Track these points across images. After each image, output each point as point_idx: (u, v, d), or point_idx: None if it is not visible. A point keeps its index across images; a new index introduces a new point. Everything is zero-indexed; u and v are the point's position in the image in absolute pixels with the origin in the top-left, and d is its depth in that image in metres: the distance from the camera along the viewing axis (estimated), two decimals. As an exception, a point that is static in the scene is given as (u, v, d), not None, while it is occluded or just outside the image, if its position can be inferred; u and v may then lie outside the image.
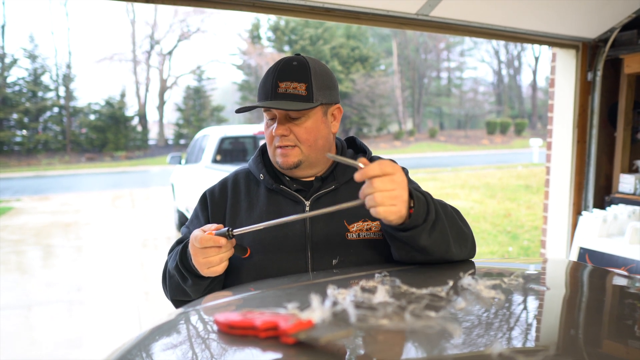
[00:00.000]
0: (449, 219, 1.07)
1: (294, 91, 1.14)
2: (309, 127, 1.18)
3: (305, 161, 1.20)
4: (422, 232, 0.99)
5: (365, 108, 32.63)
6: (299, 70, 1.16)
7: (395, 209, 0.93)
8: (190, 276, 1.13)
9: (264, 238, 1.18)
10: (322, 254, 1.17)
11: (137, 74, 31.53)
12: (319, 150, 1.21)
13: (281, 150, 1.18)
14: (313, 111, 1.18)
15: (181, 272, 1.15)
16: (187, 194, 6.79)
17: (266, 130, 1.22)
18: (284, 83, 1.14)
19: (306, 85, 1.15)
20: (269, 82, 1.16)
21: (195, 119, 30.01)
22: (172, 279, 1.20)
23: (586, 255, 3.00)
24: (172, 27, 31.42)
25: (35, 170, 21.83)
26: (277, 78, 1.15)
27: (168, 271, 1.23)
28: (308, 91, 1.15)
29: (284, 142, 1.17)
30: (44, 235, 7.69)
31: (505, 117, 39.41)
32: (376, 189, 0.91)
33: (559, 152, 3.39)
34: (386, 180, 0.92)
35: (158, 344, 0.75)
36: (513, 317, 0.76)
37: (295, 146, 1.18)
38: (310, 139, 1.18)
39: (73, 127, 28.08)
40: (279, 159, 1.20)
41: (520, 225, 7.41)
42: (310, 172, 1.24)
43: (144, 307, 4.32)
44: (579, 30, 3.03)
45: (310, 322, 0.66)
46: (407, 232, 0.99)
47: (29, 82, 27.13)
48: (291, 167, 1.19)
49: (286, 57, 1.21)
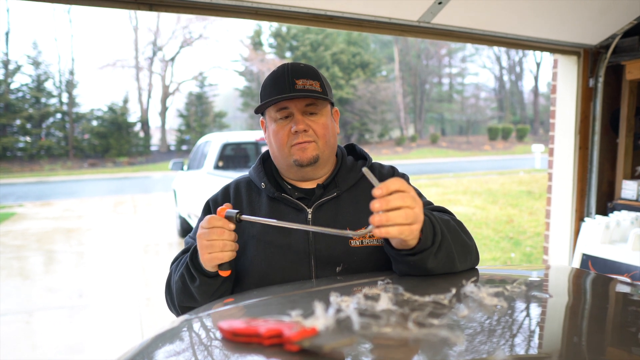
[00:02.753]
0: (452, 234, 1.06)
1: (311, 87, 1.17)
2: (325, 123, 1.21)
3: (322, 157, 1.22)
4: (429, 255, 0.98)
5: (367, 114, 32.68)
6: (310, 70, 1.21)
7: (418, 225, 0.90)
8: (199, 275, 1.12)
9: (268, 246, 1.18)
10: (326, 262, 1.16)
11: (140, 80, 31.72)
12: (331, 148, 1.24)
13: (300, 145, 1.19)
14: (326, 109, 1.23)
15: (190, 272, 1.13)
16: (189, 200, 6.79)
17: (279, 130, 1.21)
18: (300, 80, 1.17)
19: (319, 83, 1.20)
20: (283, 80, 1.18)
21: (197, 125, 30.11)
22: (180, 281, 1.18)
23: (589, 261, 2.99)
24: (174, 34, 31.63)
25: (37, 176, 21.89)
26: (293, 76, 1.18)
27: (175, 276, 1.22)
28: (322, 88, 1.19)
29: (304, 138, 1.18)
30: (46, 240, 7.70)
31: (507, 123, 39.42)
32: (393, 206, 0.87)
33: (561, 158, 3.39)
34: (405, 196, 0.88)
35: (161, 352, 0.75)
36: (515, 325, 0.76)
37: (313, 141, 1.19)
38: (327, 134, 1.21)
39: (76, 133, 28.19)
40: (296, 156, 1.19)
41: (522, 231, 7.39)
42: (322, 172, 1.25)
43: (146, 313, 4.32)
44: (580, 36, 3.04)
45: (314, 329, 0.66)
46: (415, 256, 0.97)
47: (32, 88, 27.29)
48: (310, 162, 1.20)
49: (289, 62, 1.24)
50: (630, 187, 3.21)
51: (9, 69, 26.79)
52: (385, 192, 0.87)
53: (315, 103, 1.19)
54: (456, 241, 1.06)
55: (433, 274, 1.03)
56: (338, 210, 1.21)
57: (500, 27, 2.75)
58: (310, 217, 1.20)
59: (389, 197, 0.87)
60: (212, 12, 2.16)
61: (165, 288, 1.28)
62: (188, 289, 1.16)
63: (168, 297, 1.27)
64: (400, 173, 1.33)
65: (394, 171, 1.33)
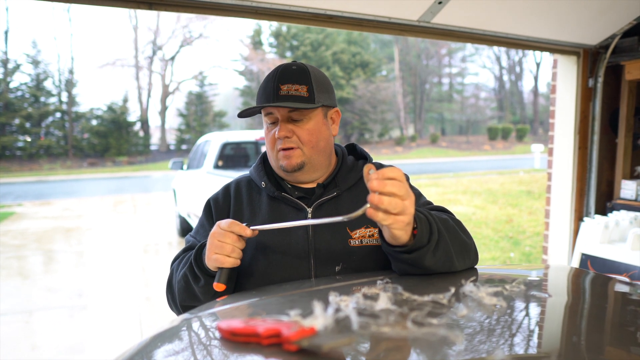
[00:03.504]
0: (450, 234, 1.05)
1: (295, 93, 1.15)
2: (311, 129, 1.18)
3: (308, 163, 1.20)
4: (426, 253, 0.98)
5: (367, 114, 32.69)
6: (299, 73, 1.18)
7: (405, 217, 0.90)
8: (204, 275, 1.11)
9: (268, 245, 1.18)
10: (325, 261, 1.16)
11: (140, 80, 31.72)
12: (321, 152, 1.22)
13: (284, 152, 1.18)
14: (314, 112, 1.19)
15: (194, 272, 1.13)
16: (189, 200, 6.80)
17: (267, 135, 1.22)
18: (285, 85, 1.15)
19: (307, 87, 1.16)
20: (270, 85, 1.17)
21: (197, 124, 30.12)
22: (182, 281, 1.17)
23: (588, 261, 3.00)
24: (174, 33, 31.63)
25: (37, 175, 21.88)
26: (279, 81, 1.16)
27: (177, 275, 1.21)
28: (309, 93, 1.16)
29: (287, 144, 1.17)
30: (46, 240, 7.70)
31: (506, 122, 39.46)
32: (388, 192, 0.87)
33: (561, 158, 3.40)
34: (400, 185, 0.88)
35: (160, 351, 0.75)
36: (515, 324, 0.76)
37: (297, 148, 1.18)
38: (313, 140, 1.19)
39: (75, 132, 28.19)
40: (282, 162, 1.20)
41: (521, 231, 7.40)
42: (313, 176, 1.24)
43: (146, 313, 4.31)
44: (580, 36, 3.04)
45: (312, 329, 0.66)
46: (412, 254, 0.97)
47: (31, 87, 27.28)
48: (295, 169, 1.19)
49: (285, 63, 1.22)
50: (629, 186, 3.21)
51: (8, 68, 26.78)
52: (380, 176, 0.87)
53: (301, 110, 1.17)
54: (454, 240, 1.05)
55: (431, 273, 1.02)
56: (338, 209, 1.21)
57: (500, 27, 2.75)
58: (310, 217, 1.20)
59: (386, 181, 0.87)
60: (212, 11, 2.16)
61: (167, 287, 1.27)
62: (191, 289, 1.16)
63: (169, 296, 1.26)
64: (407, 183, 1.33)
65: None
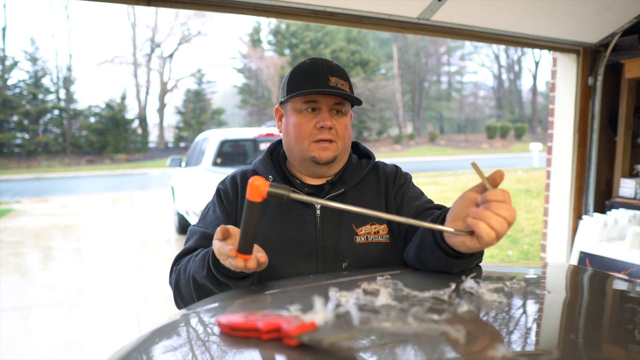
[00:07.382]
0: None
1: (342, 87, 1.19)
2: (346, 124, 1.23)
3: (338, 158, 1.23)
4: (473, 262, 1.00)
5: (366, 112, 32.68)
6: (341, 70, 1.23)
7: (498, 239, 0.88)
8: (232, 281, 1.02)
9: (275, 241, 1.17)
10: (332, 258, 1.17)
11: (138, 77, 31.63)
12: (347, 149, 1.26)
13: (322, 143, 1.19)
14: (349, 109, 1.25)
15: (217, 281, 1.03)
16: (187, 197, 6.79)
17: (304, 123, 1.19)
18: (334, 78, 1.19)
19: (349, 85, 1.21)
20: (318, 74, 1.18)
21: (195, 122, 30.06)
22: (202, 287, 1.07)
23: (586, 259, 3.00)
24: (172, 30, 31.53)
25: (35, 172, 21.84)
26: (328, 72, 1.19)
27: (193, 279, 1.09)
28: (351, 90, 1.21)
29: (327, 135, 1.19)
30: (44, 237, 7.68)
31: (505, 121, 39.48)
32: (499, 214, 0.83)
33: (560, 156, 3.40)
34: (512, 211, 0.84)
35: (159, 346, 0.75)
36: (514, 320, 0.76)
37: (333, 141, 1.20)
38: (346, 135, 1.23)
39: (73, 129, 28.13)
40: (315, 153, 1.20)
41: (520, 229, 7.41)
42: (333, 171, 1.26)
43: (143, 310, 4.31)
44: (580, 35, 3.04)
45: (313, 324, 0.66)
46: (461, 259, 0.96)
47: (29, 84, 27.19)
48: (328, 162, 1.21)
49: (318, 57, 1.24)
50: (628, 185, 3.22)
51: (6, 65, 26.68)
52: (502, 198, 0.84)
53: (343, 103, 1.21)
54: None
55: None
56: None
57: (499, 25, 2.75)
58: (318, 213, 1.20)
59: (504, 205, 0.84)
60: (211, 7, 2.15)
61: (174, 290, 1.18)
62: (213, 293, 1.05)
63: (179, 299, 1.17)
64: (404, 172, 1.33)
65: (397, 170, 1.33)
